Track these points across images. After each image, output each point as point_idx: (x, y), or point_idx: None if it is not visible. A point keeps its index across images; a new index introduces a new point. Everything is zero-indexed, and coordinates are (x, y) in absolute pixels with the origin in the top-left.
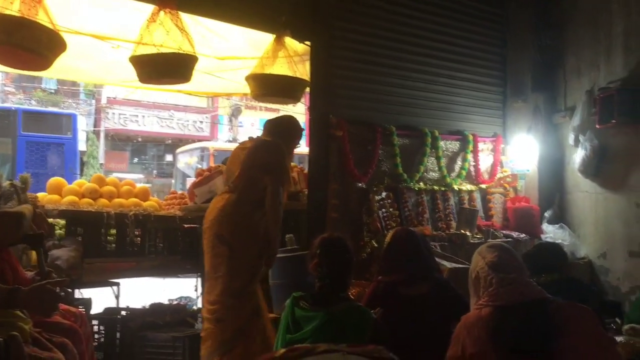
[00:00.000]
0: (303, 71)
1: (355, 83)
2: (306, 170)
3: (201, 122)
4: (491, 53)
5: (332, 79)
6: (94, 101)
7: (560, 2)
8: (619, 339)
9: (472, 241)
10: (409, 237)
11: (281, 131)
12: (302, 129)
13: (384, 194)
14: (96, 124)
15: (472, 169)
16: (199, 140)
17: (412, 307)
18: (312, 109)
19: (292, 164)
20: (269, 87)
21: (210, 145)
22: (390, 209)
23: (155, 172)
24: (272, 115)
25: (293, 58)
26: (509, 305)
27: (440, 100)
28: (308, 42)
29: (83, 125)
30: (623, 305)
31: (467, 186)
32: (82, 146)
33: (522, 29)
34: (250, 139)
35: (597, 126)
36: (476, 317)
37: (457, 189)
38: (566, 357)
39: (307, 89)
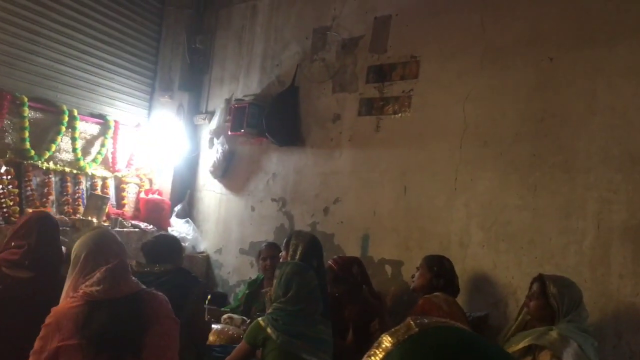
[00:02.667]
0: None
1: None
2: None
3: None
4: (145, 44)
5: None
6: None
7: (216, 13)
8: (216, 326)
9: None
10: (43, 224)
11: None
12: None
13: (3, 168)
14: None
15: (109, 155)
16: None
17: (12, 289)
18: None
19: None
20: None
21: None
22: (9, 186)
23: None
24: None
25: None
26: (101, 300)
27: (85, 80)
28: None
29: None
30: (230, 296)
31: (102, 172)
32: None
33: (177, 28)
34: None
35: (230, 133)
36: (67, 309)
37: (90, 173)
38: (152, 344)
39: None
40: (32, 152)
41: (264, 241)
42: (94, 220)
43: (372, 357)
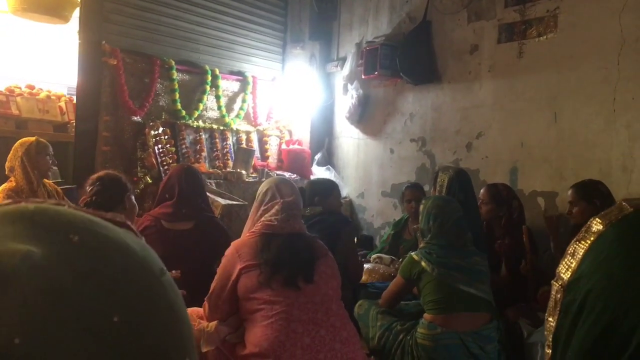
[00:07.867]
0: None
1: (132, 10)
2: (75, 101)
3: None
4: None
5: (104, 2)
6: None
7: None
8: (367, 266)
9: (247, 180)
10: (185, 173)
11: None
12: None
13: (160, 129)
14: None
15: (250, 110)
16: None
17: (175, 242)
18: (83, 33)
19: (60, 93)
20: (31, 1)
21: None
22: (167, 145)
23: None
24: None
25: None
26: (277, 233)
27: (223, 39)
28: None
29: None
30: (375, 239)
31: (245, 127)
32: None
33: None
34: None
35: (363, 77)
36: (246, 240)
37: (235, 129)
38: (321, 272)
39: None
40: (183, 112)
41: (405, 183)
42: (243, 172)
43: (582, 242)
